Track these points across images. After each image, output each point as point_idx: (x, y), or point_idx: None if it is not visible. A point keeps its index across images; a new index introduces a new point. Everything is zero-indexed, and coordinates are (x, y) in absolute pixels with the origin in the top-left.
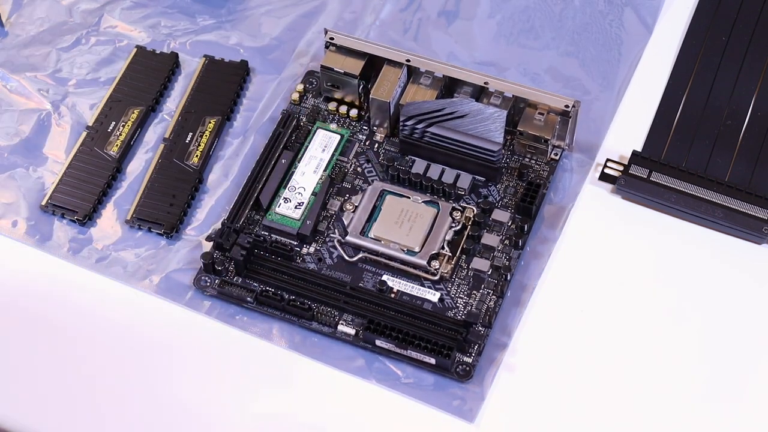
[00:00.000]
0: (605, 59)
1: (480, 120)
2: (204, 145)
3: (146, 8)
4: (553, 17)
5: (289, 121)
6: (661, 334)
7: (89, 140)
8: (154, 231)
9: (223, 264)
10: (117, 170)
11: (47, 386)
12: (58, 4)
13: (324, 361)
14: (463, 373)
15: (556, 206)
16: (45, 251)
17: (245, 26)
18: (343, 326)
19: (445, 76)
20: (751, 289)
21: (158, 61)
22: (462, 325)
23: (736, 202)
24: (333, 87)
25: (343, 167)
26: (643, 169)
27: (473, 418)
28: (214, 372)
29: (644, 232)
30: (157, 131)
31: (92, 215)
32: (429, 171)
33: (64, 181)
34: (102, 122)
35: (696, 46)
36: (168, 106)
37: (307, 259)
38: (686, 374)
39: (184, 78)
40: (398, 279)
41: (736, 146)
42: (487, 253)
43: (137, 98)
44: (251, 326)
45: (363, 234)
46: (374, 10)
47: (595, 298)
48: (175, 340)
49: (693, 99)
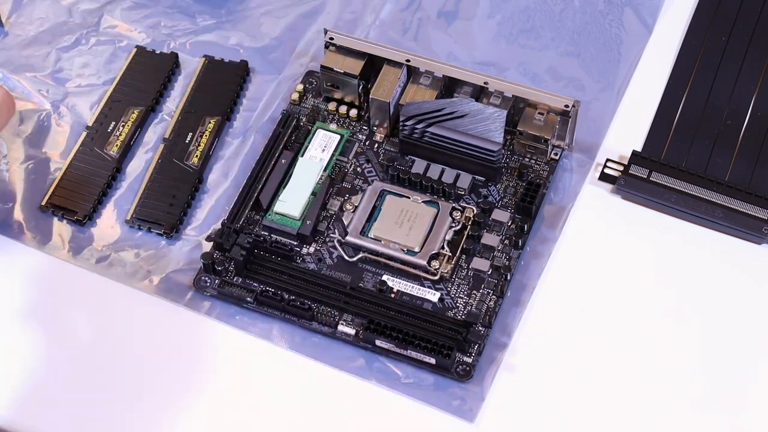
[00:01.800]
0: (605, 59)
1: (480, 120)
2: (204, 145)
3: (146, 8)
4: (553, 17)
5: (289, 121)
6: (661, 334)
7: (89, 140)
8: (154, 231)
9: (223, 264)
10: (117, 170)
11: (47, 386)
12: (58, 4)
13: (324, 361)
14: (463, 373)
15: (556, 206)
16: (45, 252)
17: (245, 26)
18: (343, 326)
19: (444, 76)
20: (751, 289)
21: (158, 62)
22: (462, 325)
23: (736, 202)
24: (333, 87)
25: (343, 167)
26: (643, 169)
27: (473, 418)
28: (214, 372)
29: (644, 232)
30: (157, 131)
31: (92, 215)
32: (429, 171)
33: (64, 182)
34: (102, 122)
35: (696, 46)
36: (168, 106)
37: (307, 259)
38: (686, 374)
39: (183, 78)
40: (398, 279)
41: (736, 146)
42: (487, 253)
43: (137, 98)
44: (251, 326)
45: (363, 234)
46: (374, 10)
47: (595, 298)
48: (175, 340)
49: (693, 99)
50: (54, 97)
